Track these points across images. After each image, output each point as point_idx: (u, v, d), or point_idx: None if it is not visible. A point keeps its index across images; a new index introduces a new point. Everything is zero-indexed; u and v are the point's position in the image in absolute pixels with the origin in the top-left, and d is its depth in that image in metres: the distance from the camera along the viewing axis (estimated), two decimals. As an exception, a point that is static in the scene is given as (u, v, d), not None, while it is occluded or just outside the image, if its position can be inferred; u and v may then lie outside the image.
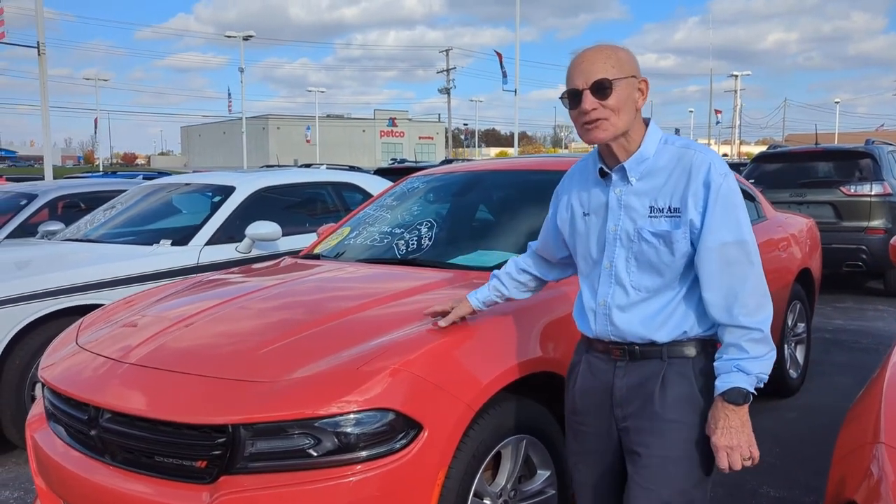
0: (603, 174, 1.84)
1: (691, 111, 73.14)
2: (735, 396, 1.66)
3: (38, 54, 17.00)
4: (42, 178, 15.81)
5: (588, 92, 1.72)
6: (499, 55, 32.12)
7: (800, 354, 4.70)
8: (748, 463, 1.68)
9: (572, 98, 1.75)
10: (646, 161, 1.79)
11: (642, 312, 1.79)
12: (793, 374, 4.54)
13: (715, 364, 1.74)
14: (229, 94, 42.56)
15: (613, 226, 1.81)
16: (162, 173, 17.91)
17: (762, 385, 1.71)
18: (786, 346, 4.46)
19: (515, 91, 31.58)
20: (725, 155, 56.38)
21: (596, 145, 1.84)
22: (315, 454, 1.94)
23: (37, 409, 2.65)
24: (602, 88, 1.71)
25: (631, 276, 1.80)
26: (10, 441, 3.72)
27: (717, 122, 59.73)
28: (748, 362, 1.68)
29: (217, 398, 2.04)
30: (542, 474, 2.43)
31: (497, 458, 2.30)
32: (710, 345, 1.80)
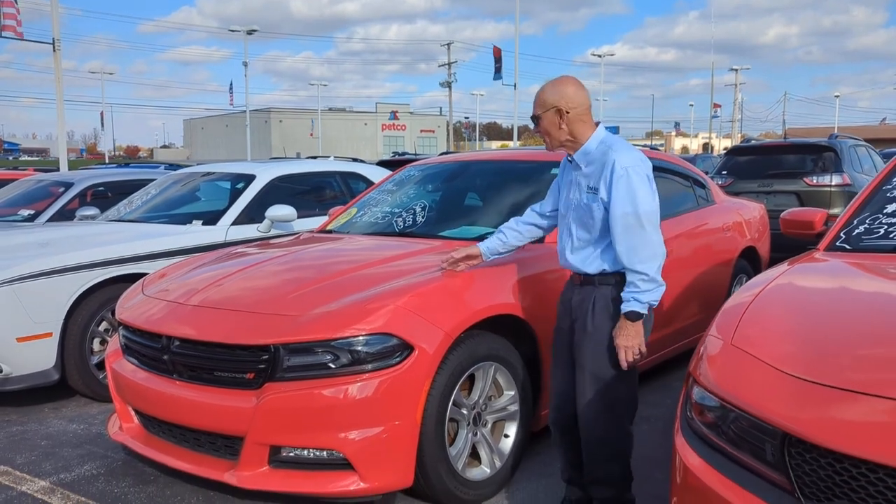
0: (570, 160, 2.70)
1: (691, 105, 73.68)
2: (631, 315, 2.49)
3: (53, 50, 17.66)
4: (57, 170, 16.50)
5: (532, 121, 2.69)
6: (496, 50, 32.74)
7: (747, 322, 5.40)
8: (639, 357, 2.52)
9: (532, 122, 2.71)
10: (589, 154, 2.62)
11: (580, 255, 2.65)
12: (739, 337, 5.25)
13: (622, 294, 2.54)
14: (231, 88, 43.19)
15: (572, 196, 2.68)
16: (173, 166, 18.56)
17: (654, 305, 2.53)
18: (732, 313, 5.16)
19: (515, 85, 32.21)
20: (726, 148, 56.79)
21: None
22: (333, 366, 2.65)
23: (112, 347, 3.38)
24: (535, 120, 2.66)
25: (574, 231, 2.67)
26: (72, 388, 4.42)
27: (716, 116, 60.22)
28: (640, 294, 2.49)
29: (261, 327, 2.76)
30: (508, 394, 3.14)
31: (472, 380, 3.01)
32: (621, 277, 2.58)
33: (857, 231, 2.76)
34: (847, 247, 2.71)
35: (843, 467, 1.54)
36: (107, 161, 47.59)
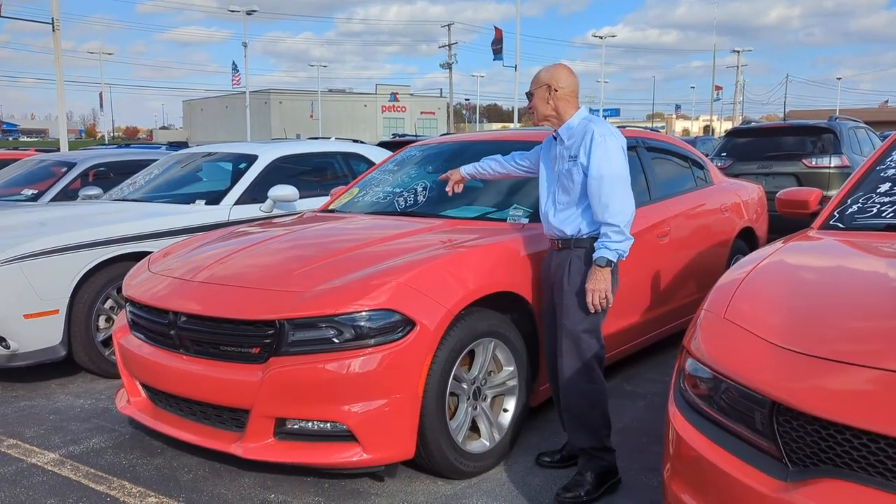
0: (555, 137, 3.01)
1: (693, 87, 73.31)
2: (601, 261, 2.78)
3: (53, 30, 17.58)
4: (58, 150, 16.50)
5: (527, 96, 3.02)
6: (497, 31, 32.58)
7: (744, 302, 5.46)
8: (604, 302, 2.80)
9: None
10: (571, 129, 2.94)
11: (560, 216, 2.94)
12: (736, 317, 5.31)
13: (594, 244, 2.84)
14: (235, 68, 42.94)
15: (556, 167, 2.99)
16: (173, 146, 18.58)
17: (623, 258, 2.82)
18: (729, 293, 5.22)
19: (516, 66, 32.07)
20: (727, 131, 56.48)
21: None
22: (337, 341, 2.71)
23: (120, 323, 3.44)
24: (528, 95, 3.01)
25: (557, 196, 2.97)
26: (78, 365, 4.50)
27: (717, 99, 60.07)
28: (611, 243, 2.79)
29: (267, 302, 2.82)
30: (507, 369, 3.20)
31: (472, 355, 3.08)
32: (593, 241, 2.87)
33: (850, 210, 2.82)
34: (840, 225, 2.77)
35: (829, 434, 1.60)
36: (106, 142, 47.47)
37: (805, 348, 1.75)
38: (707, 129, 63.11)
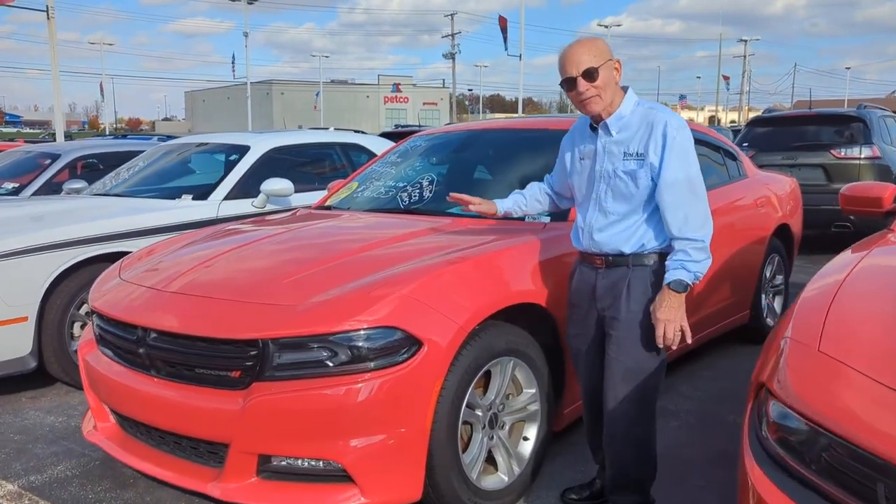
0: (593, 129, 2.40)
1: (699, 77, 72.64)
2: (677, 285, 2.24)
3: (48, 18, 17.15)
4: (54, 141, 16.09)
5: (581, 78, 2.26)
6: (502, 20, 32.06)
7: (777, 304, 5.03)
8: (678, 335, 2.26)
9: (569, 84, 2.29)
10: (623, 118, 2.34)
11: (613, 230, 2.37)
12: (770, 321, 4.88)
13: (666, 263, 2.30)
14: (233, 59, 42.51)
15: (600, 167, 2.39)
16: (171, 137, 18.12)
17: (697, 281, 2.26)
18: (763, 296, 4.79)
19: (520, 56, 31.57)
20: (733, 121, 56.06)
21: None
22: (331, 364, 2.29)
23: (86, 336, 3.03)
24: (590, 74, 2.25)
25: (608, 204, 2.37)
26: (50, 375, 4.09)
27: (728, 89, 59.48)
28: (691, 263, 2.24)
29: (249, 318, 2.40)
30: (528, 392, 2.78)
31: (488, 377, 2.66)
32: (662, 256, 2.36)
33: (937, 209, 2.38)
34: (928, 227, 2.33)
35: None
36: (108, 133, 46.96)
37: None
38: (712, 120, 62.45)
